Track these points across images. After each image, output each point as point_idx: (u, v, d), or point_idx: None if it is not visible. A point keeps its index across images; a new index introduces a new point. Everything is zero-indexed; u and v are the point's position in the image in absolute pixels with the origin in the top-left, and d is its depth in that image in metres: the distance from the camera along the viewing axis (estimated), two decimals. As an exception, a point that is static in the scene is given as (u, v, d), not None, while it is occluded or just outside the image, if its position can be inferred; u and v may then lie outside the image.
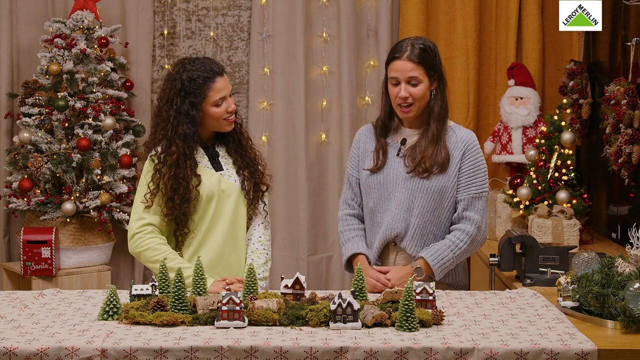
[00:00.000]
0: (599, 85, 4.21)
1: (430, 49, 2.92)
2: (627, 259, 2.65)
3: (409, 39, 2.97)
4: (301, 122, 4.71)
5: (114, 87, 4.51)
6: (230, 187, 3.05)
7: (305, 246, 4.74)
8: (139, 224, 2.98)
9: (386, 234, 2.97)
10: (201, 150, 3.07)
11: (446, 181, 2.93)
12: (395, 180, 2.96)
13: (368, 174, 3.01)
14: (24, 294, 2.77)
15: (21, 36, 4.65)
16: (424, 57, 2.89)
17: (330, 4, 4.72)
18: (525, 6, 4.61)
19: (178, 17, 4.77)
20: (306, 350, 2.21)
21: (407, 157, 2.96)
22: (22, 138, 4.28)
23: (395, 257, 3.00)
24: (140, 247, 2.97)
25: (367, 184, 3.02)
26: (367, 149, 3.05)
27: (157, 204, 2.98)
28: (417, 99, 2.91)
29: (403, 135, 3.00)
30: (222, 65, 3.05)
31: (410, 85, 2.90)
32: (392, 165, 2.98)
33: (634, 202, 3.73)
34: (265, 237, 3.13)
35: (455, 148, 2.95)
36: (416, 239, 2.95)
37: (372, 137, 3.06)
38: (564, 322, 2.45)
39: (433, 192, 2.92)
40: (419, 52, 2.89)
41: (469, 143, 2.96)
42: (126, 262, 4.80)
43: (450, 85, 4.64)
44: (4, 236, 4.67)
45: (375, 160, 3.00)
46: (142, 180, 3.02)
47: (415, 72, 2.89)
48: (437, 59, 2.94)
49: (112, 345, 2.22)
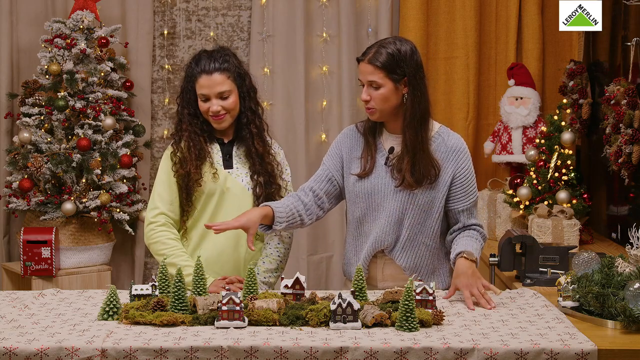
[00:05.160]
0: (599, 85, 4.21)
1: (400, 53, 2.78)
2: (627, 259, 2.65)
3: (381, 41, 2.86)
4: (301, 122, 4.71)
5: (114, 87, 4.51)
6: (237, 187, 3.05)
7: (305, 246, 4.75)
8: (153, 213, 3.04)
9: (375, 245, 2.90)
10: (217, 146, 3.08)
11: (436, 192, 2.85)
12: (384, 192, 2.87)
13: (355, 180, 2.91)
14: (24, 294, 2.77)
15: (21, 36, 4.65)
16: (386, 61, 2.76)
17: (330, 4, 4.72)
18: (525, 6, 4.61)
19: (178, 17, 4.77)
20: (306, 350, 2.21)
21: (394, 168, 2.86)
22: (22, 138, 4.28)
23: (383, 265, 2.94)
24: (151, 239, 3.03)
25: (355, 191, 2.91)
26: (353, 154, 2.94)
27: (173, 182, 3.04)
28: (377, 103, 2.80)
29: (390, 142, 2.90)
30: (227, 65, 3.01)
31: (372, 88, 2.80)
32: (380, 175, 2.88)
33: (634, 202, 3.73)
34: (283, 247, 3.12)
35: (446, 158, 2.86)
36: (406, 249, 2.89)
37: (358, 141, 2.95)
38: (564, 322, 2.45)
39: (423, 205, 2.85)
40: (383, 56, 2.77)
41: (460, 151, 2.87)
42: (126, 262, 4.80)
43: (450, 85, 4.69)
44: (4, 236, 4.67)
45: (362, 165, 2.90)
46: (160, 168, 3.09)
47: (373, 76, 2.78)
48: (410, 64, 2.79)
49: (112, 345, 2.22)
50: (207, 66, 2.99)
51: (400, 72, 2.79)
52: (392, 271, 2.93)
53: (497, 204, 4.24)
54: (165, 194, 3.04)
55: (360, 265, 2.67)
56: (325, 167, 2.98)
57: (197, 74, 3.00)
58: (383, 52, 2.78)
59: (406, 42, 2.84)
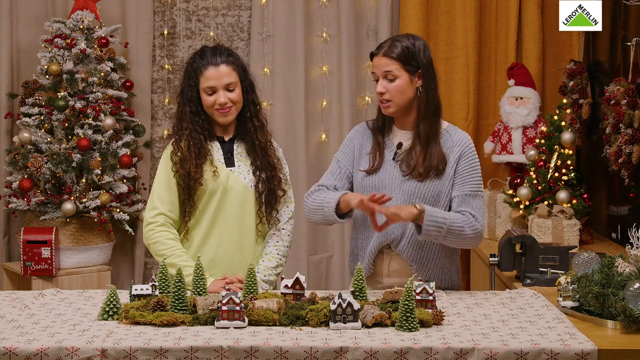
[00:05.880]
0: (599, 85, 4.21)
1: (414, 47, 2.86)
2: (627, 259, 2.65)
3: (395, 36, 2.94)
4: (301, 122, 4.71)
5: (114, 87, 4.51)
6: (239, 184, 3.04)
7: (305, 246, 4.75)
8: (152, 213, 3.03)
9: (382, 239, 2.91)
10: (217, 144, 3.08)
11: (442, 185, 2.87)
12: (391, 185, 2.90)
13: (364, 176, 2.95)
14: (24, 294, 2.77)
15: (21, 36, 4.65)
16: (402, 53, 2.84)
17: (330, 4, 4.72)
18: (525, 6, 4.61)
19: (178, 17, 4.77)
20: (306, 350, 2.21)
21: (402, 162, 2.90)
22: (22, 138, 4.28)
23: (389, 261, 2.95)
24: (150, 240, 3.02)
25: (362, 186, 2.95)
26: (362, 150, 2.99)
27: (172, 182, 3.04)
28: (394, 95, 2.86)
29: (398, 138, 2.95)
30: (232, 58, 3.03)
31: (387, 80, 2.86)
32: (388, 169, 2.92)
33: (634, 202, 3.73)
34: (282, 244, 3.11)
35: (451, 152, 2.89)
36: (413, 243, 2.90)
37: (368, 138, 3.00)
38: (564, 322, 2.45)
39: (429, 197, 2.86)
40: (398, 48, 2.85)
41: (465, 146, 2.91)
42: (126, 262, 4.80)
43: (450, 85, 4.68)
44: (4, 236, 4.67)
45: (371, 161, 2.95)
46: (159, 168, 3.08)
47: (390, 67, 2.85)
48: (423, 57, 2.87)
49: (112, 345, 2.22)
50: (213, 58, 3.00)
51: (414, 64, 2.86)
52: (398, 266, 2.94)
53: (497, 204, 4.24)
54: (165, 194, 3.04)
55: (360, 264, 2.67)
56: (342, 165, 3.02)
57: (203, 66, 3.00)
58: (398, 45, 2.86)
59: (419, 39, 2.93)
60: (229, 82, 3.00)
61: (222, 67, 3.00)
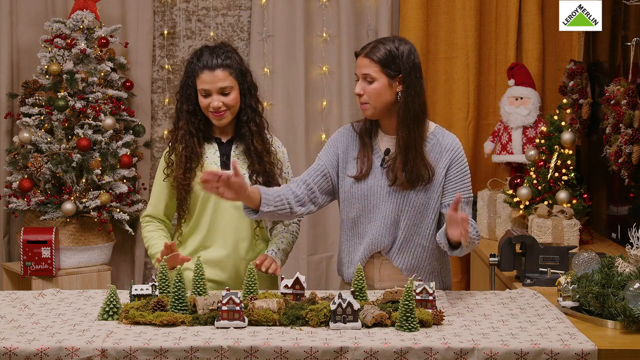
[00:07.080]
0: (599, 85, 4.21)
1: (397, 50, 2.79)
2: (627, 259, 2.65)
3: (381, 38, 2.89)
4: (301, 122, 4.71)
5: (114, 87, 4.51)
6: None
7: (305, 246, 4.75)
8: (143, 214, 3.15)
9: (372, 247, 2.88)
10: (215, 146, 3.07)
11: (431, 193, 2.84)
12: (380, 193, 2.85)
13: (352, 182, 2.89)
14: (24, 294, 2.77)
15: (21, 36, 4.65)
16: (383, 57, 2.78)
17: (330, 4, 4.72)
18: (525, 6, 4.61)
19: (178, 17, 4.77)
20: (306, 350, 2.21)
21: (389, 170, 2.85)
22: (22, 138, 4.28)
23: (380, 266, 2.93)
24: (143, 239, 3.12)
25: (350, 193, 2.89)
26: (349, 154, 2.93)
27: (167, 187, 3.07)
28: (370, 97, 2.80)
29: (385, 142, 2.89)
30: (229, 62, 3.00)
31: (366, 82, 2.81)
32: (376, 176, 2.87)
33: (634, 202, 3.73)
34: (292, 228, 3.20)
35: (439, 158, 2.85)
36: (403, 251, 2.88)
37: (354, 142, 2.93)
38: (564, 322, 2.45)
39: (418, 206, 2.83)
40: (380, 51, 2.79)
41: (455, 151, 2.86)
42: (126, 262, 4.80)
43: (450, 85, 4.69)
44: (4, 236, 4.67)
45: (359, 166, 2.88)
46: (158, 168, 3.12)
47: (369, 70, 2.79)
48: (406, 61, 2.79)
49: (112, 345, 2.22)
50: (209, 62, 2.98)
51: (395, 69, 2.79)
52: (389, 272, 2.92)
53: (497, 204, 4.23)
54: (154, 195, 3.11)
55: (360, 265, 2.67)
56: (320, 162, 2.96)
57: (199, 69, 2.99)
58: (381, 47, 2.80)
59: (405, 43, 2.85)
60: (224, 86, 2.97)
61: (217, 71, 2.97)
